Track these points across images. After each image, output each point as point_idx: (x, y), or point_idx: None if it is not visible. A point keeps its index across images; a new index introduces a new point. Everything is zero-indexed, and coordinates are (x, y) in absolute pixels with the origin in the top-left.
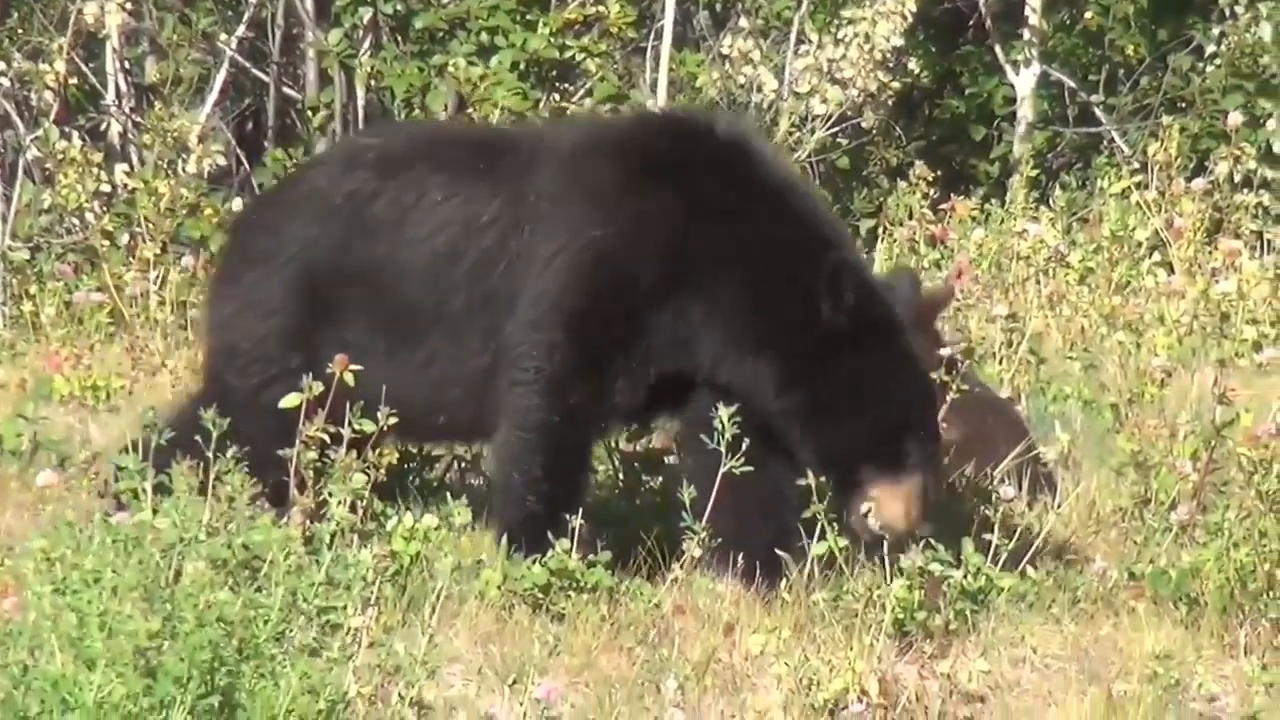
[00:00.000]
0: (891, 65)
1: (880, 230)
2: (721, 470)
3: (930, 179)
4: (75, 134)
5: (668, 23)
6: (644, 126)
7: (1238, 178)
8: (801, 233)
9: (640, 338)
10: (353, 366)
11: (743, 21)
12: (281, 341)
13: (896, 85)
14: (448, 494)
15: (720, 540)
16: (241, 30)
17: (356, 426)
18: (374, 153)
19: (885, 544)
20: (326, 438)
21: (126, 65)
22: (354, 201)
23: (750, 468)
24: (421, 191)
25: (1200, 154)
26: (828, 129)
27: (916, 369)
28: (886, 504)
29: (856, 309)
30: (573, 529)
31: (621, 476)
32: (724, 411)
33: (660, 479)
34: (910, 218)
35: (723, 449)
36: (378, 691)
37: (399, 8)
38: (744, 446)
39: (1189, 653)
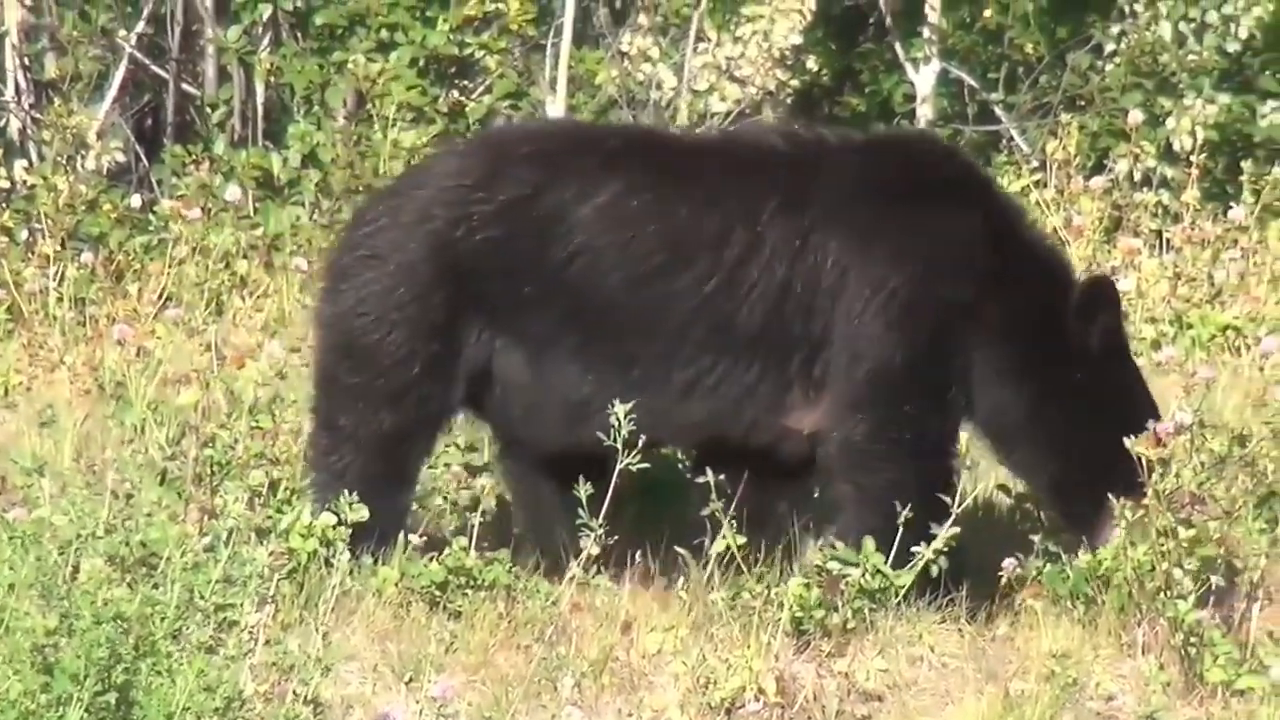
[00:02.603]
0: (790, 63)
1: None
2: (617, 469)
3: None
4: None
5: (567, 20)
6: (903, 153)
7: (1137, 176)
8: (1040, 258)
9: (959, 382)
10: (533, 361)
11: (642, 19)
12: (415, 334)
13: (796, 83)
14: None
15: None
16: (141, 26)
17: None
18: (528, 148)
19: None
20: (225, 434)
21: (25, 61)
22: (514, 198)
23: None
24: (604, 193)
25: (1100, 152)
26: (727, 127)
27: (1147, 392)
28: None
29: (1106, 333)
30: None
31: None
32: (620, 408)
33: None
34: None
35: (619, 446)
36: (274, 689)
37: (298, 4)
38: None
39: (1086, 652)
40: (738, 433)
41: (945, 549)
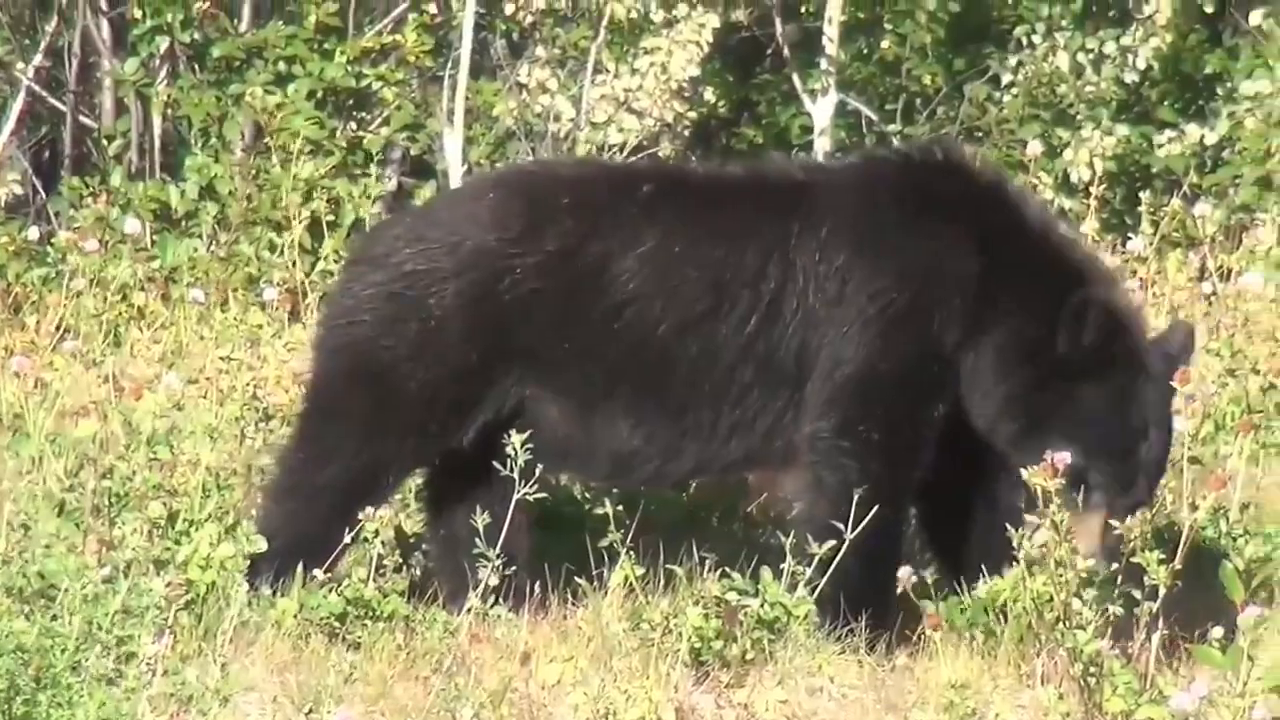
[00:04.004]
0: (688, 95)
1: None
2: (515, 498)
3: None
4: None
5: (465, 51)
6: (909, 171)
7: None
8: (1055, 269)
9: (939, 398)
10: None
11: (540, 51)
12: (442, 376)
13: (693, 115)
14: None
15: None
16: (38, 59)
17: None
18: (567, 198)
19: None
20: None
21: None
22: (558, 251)
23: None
24: (646, 241)
25: None
26: (624, 159)
27: (1139, 413)
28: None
29: (1095, 346)
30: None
31: (420, 505)
32: (517, 438)
33: None
34: None
35: (516, 476)
36: None
37: (196, 37)
38: (537, 471)
39: (986, 682)
40: (773, 463)
41: (831, 562)
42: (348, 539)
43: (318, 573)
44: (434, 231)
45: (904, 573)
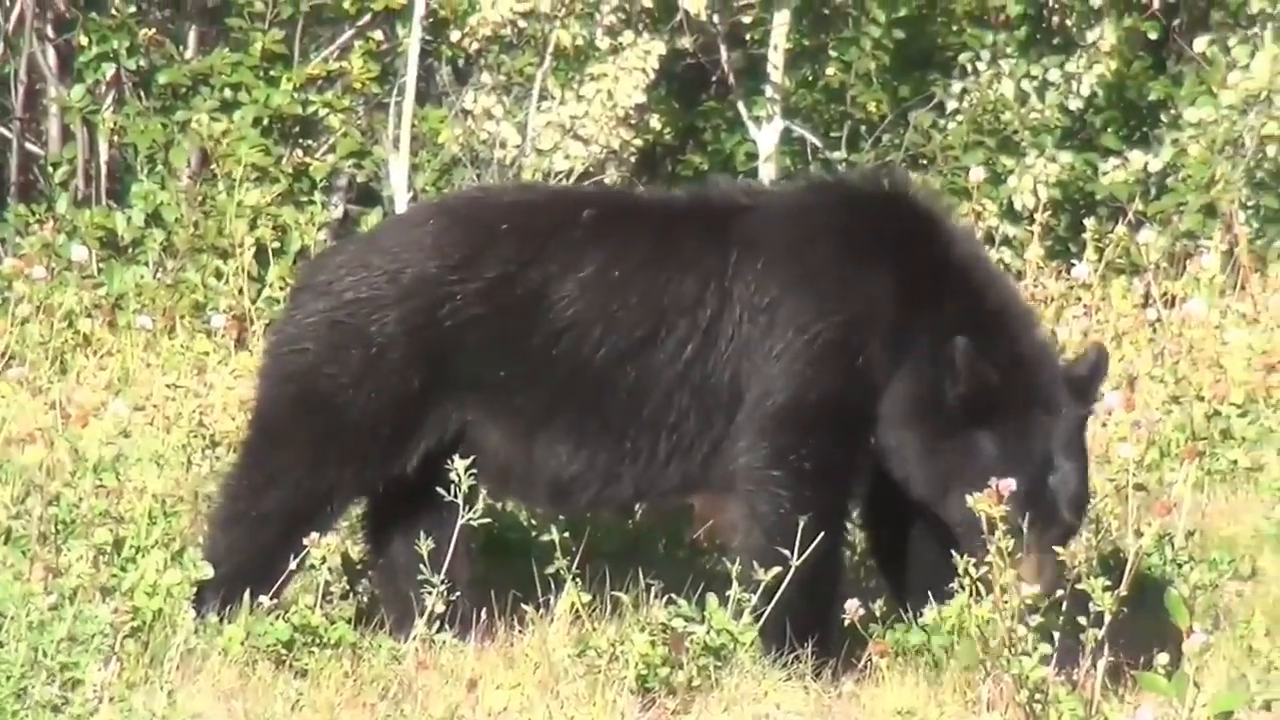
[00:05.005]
0: (634, 122)
1: None
2: (459, 524)
3: None
4: None
5: (410, 78)
6: (847, 202)
7: (979, 234)
8: (967, 314)
9: (869, 428)
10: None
11: (485, 77)
12: (385, 403)
13: (639, 142)
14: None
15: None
16: None
17: None
18: (508, 224)
19: None
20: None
21: None
22: (498, 277)
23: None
24: (587, 267)
25: None
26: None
27: (1041, 447)
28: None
29: (974, 393)
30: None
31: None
32: (460, 464)
33: None
34: None
35: (460, 501)
36: None
37: (142, 64)
38: (480, 497)
39: (932, 709)
40: (712, 488)
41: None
42: (294, 565)
43: (264, 599)
44: (376, 259)
45: (851, 605)
